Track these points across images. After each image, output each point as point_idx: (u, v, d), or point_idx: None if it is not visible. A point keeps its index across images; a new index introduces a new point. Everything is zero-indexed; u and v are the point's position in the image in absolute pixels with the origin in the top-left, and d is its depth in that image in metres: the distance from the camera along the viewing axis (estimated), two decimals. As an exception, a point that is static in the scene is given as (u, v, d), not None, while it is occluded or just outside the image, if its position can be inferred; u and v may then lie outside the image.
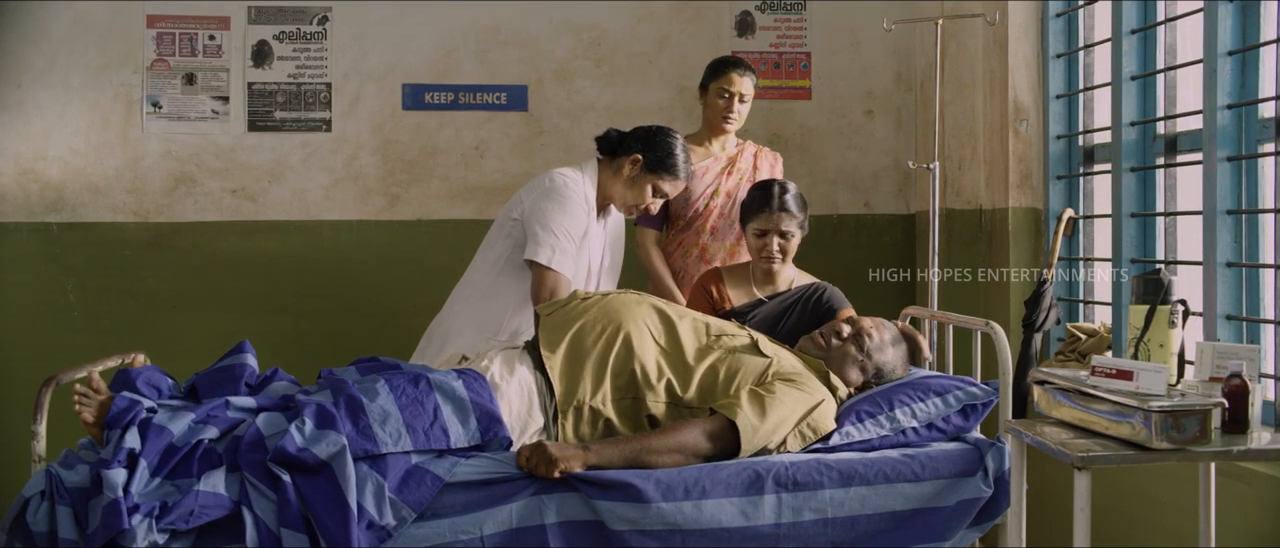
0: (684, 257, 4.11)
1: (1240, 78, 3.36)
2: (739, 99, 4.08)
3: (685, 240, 4.11)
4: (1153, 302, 2.88)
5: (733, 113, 4.09)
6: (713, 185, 4.09)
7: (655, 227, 4.15)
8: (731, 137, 4.19)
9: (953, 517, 2.96)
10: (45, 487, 2.58)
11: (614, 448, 2.84)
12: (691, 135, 4.19)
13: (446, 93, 5.04)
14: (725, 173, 4.11)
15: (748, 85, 4.09)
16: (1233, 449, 2.60)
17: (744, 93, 4.09)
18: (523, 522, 2.75)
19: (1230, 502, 3.16)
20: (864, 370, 3.25)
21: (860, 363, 3.24)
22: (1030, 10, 4.39)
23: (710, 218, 4.08)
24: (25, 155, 4.83)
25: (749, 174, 4.13)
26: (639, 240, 4.15)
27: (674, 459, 2.86)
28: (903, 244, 5.24)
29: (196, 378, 3.00)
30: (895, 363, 3.29)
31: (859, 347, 3.25)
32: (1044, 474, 3.73)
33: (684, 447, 2.87)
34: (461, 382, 2.84)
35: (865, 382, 3.25)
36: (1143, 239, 3.87)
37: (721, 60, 4.15)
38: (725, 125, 4.11)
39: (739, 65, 4.10)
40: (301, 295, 4.95)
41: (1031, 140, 4.40)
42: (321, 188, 4.98)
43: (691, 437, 2.88)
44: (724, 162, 4.13)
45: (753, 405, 2.91)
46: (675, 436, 2.88)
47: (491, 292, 3.61)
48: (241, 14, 4.93)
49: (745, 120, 4.16)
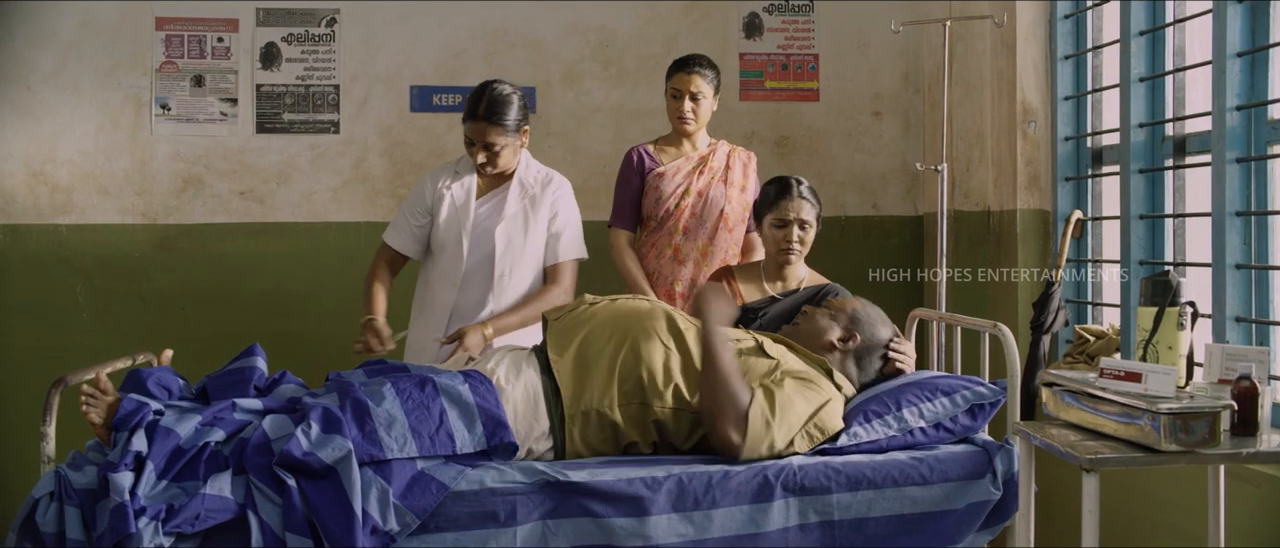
0: (657, 257, 4.09)
1: (1249, 79, 3.35)
2: (691, 98, 4.02)
3: (658, 241, 4.10)
4: (1161, 304, 2.87)
5: (687, 113, 4.03)
6: (683, 185, 4.07)
7: (628, 228, 4.15)
8: (702, 137, 4.17)
9: (962, 520, 2.95)
10: (54, 488, 2.59)
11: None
12: (664, 137, 4.19)
13: (454, 94, 5.04)
14: (696, 172, 4.09)
15: (702, 84, 4.03)
16: (1242, 452, 2.59)
17: (698, 92, 4.02)
18: (526, 544, 2.75)
19: (1239, 505, 3.15)
20: (836, 320, 3.25)
21: (830, 315, 3.26)
22: (1038, 11, 4.38)
23: (681, 218, 4.06)
24: (35, 157, 4.85)
25: (721, 174, 4.10)
26: (612, 242, 4.14)
27: (718, 399, 2.86)
28: (910, 246, 5.24)
29: (207, 380, 3.00)
30: (869, 315, 3.29)
31: (825, 308, 3.30)
32: (1052, 477, 3.72)
33: (733, 401, 2.86)
34: (467, 386, 2.84)
35: (848, 335, 3.23)
36: (1151, 241, 3.86)
37: (676, 60, 4.10)
38: (683, 126, 4.06)
39: (690, 64, 4.05)
40: (309, 297, 4.96)
41: (1040, 142, 4.39)
42: (330, 190, 4.99)
43: (741, 402, 2.87)
44: (695, 161, 4.11)
45: (764, 398, 2.90)
46: (738, 383, 2.89)
47: None
48: (250, 16, 4.94)
49: (707, 119, 4.10)
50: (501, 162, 3.68)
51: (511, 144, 3.66)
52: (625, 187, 4.14)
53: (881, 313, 3.36)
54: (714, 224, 4.07)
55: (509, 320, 3.63)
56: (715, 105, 4.10)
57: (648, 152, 4.14)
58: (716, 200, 4.07)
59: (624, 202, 4.14)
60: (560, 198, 3.79)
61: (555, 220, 3.76)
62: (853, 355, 3.25)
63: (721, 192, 4.08)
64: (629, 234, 4.14)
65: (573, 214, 3.83)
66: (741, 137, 5.10)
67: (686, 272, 4.07)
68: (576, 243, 3.81)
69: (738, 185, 4.12)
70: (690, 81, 4.02)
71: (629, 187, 4.13)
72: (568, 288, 3.74)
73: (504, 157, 3.67)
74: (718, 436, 2.87)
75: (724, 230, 4.08)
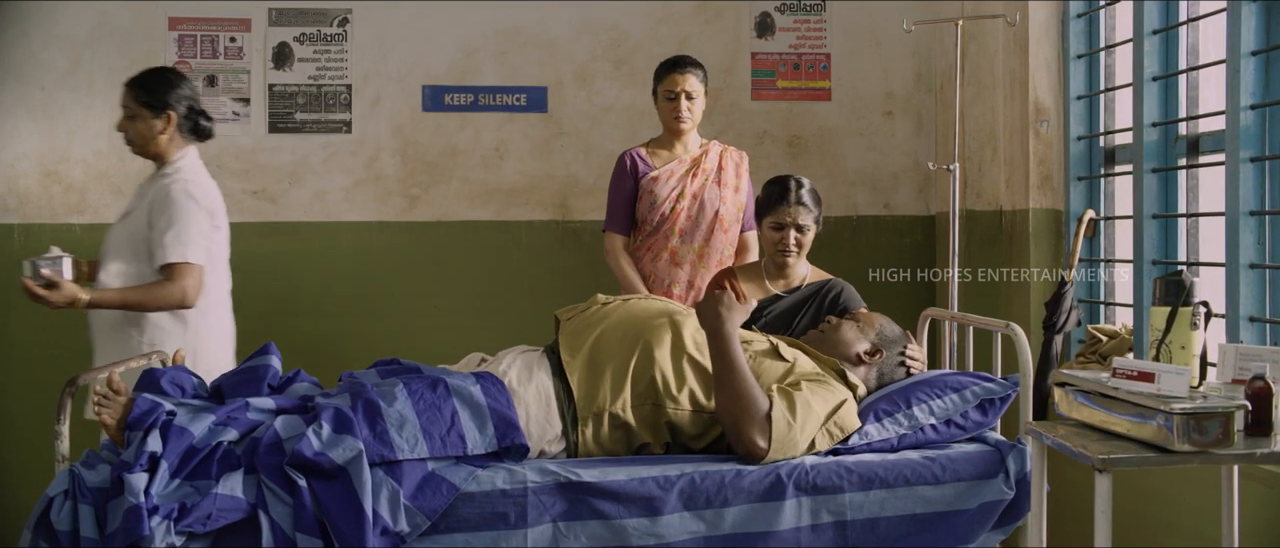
0: (654, 261, 4.10)
1: (1264, 78, 3.34)
2: (686, 97, 4.05)
3: (654, 244, 4.10)
4: (1174, 303, 2.86)
5: (682, 112, 4.05)
6: (677, 188, 4.08)
7: (622, 232, 4.15)
8: (694, 137, 4.17)
9: (975, 520, 2.94)
10: (68, 486, 2.60)
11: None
12: (655, 139, 4.19)
13: (466, 94, 5.05)
14: (690, 175, 4.10)
15: (693, 83, 4.06)
16: (1256, 452, 2.59)
17: (690, 90, 4.05)
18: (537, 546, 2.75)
19: (1253, 505, 3.14)
20: (864, 334, 3.24)
21: (857, 328, 3.25)
22: (1051, 11, 4.37)
23: (677, 221, 4.07)
24: (49, 157, 4.87)
25: (714, 175, 4.11)
26: (607, 246, 4.15)
27: (739, 404, 2.85)
28: (923, 245, 5.23)
29: (221, 379, 3.00)
30: (893, 330, 3.28)
31: (852, 320, 3.29)
32: (1065, 477, 3.72)
33: (755, 405, 2.86)
34: (479, 387, 2.83)
35: (872, 348, 3.22)
36: (1164, 240, 3.85)
37: (664, 62, 4.13)
38: (678, 126, 4.08)
39: (681, 64, 4.07)
40: (322, 297, 4.97)
41: (1052, 141, 4.38)
42: (342, 189, 5.00)
43: (762, 407, 2.87)
44: (688, 163, 4.12)
45: (782, 401, 2.90)
46: (757, 388, 2.88)
47: None
48: (262, 16, 4.95)
49: (700, 118, 4.12)
50: (137, 145, 3.71)
51: (148, 124, 3.66)
52: (618, 190, 4.15)
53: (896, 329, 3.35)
54: (709, 226, 4.08)
55: (108, 297, 3.61)
56: (704, 102, 4.13)
57: (640, 155, 4.15)
58: (711, 202, 4.08)
59: (617, 205, 4.15)
60: (170, 200, 3.61)
61: (160, 219, 3.61)
62: (876, 369, 3.25)
63: (715, 193, 4.09)
64: (623, 238, 4.15)
65: (179, 215, 3.60)
66: (753, 136, 5.11)
67: (683, 274, 4.08)
68: (182, 246, 3.58)
69: (731, 186, 4.12)
70: (682, 81, 4.04)
71: (622, 190, 4.14)
72: (179, 289, 3.56)
73: (137, 138, 3.70)
74: (742, 441, 2.86)
75: (719, 231, 4.09)
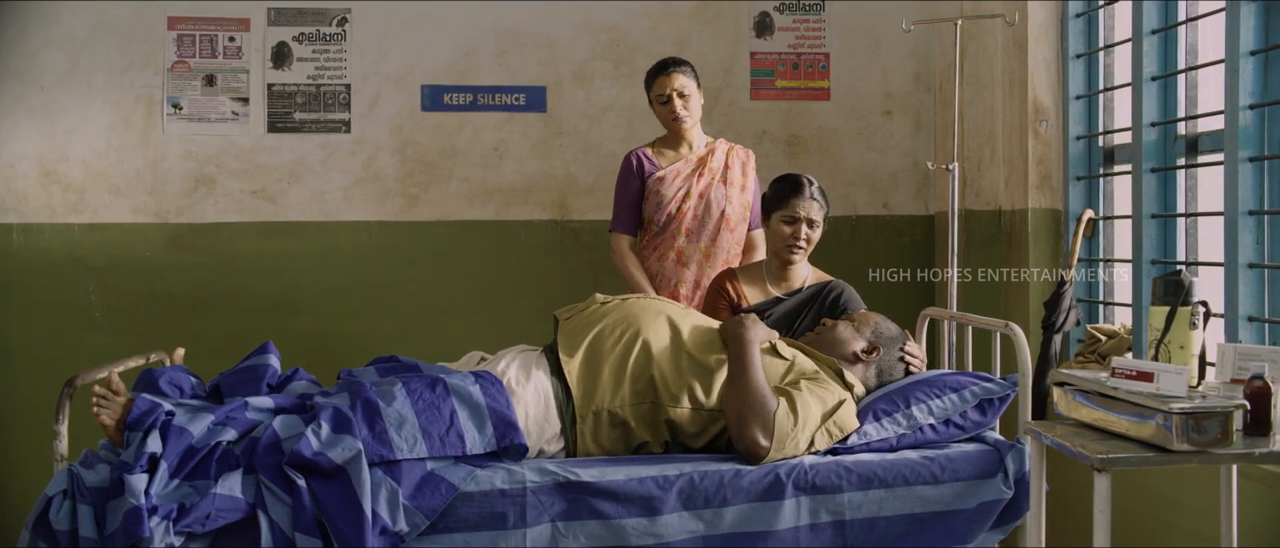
0: (660, 260, 4.10)
1: (1262, 77, 3.34)
2: (678, 96, 4.04)
3: (660, 244, 4.10)
4: (1173, 303, 2.86)
5: (679, 112, 4.05)
6: (683, 188, 4.07)
7: (629, 232, 4.15)
8: (699, 136, 4.17)
9: (974, 519, 2.95)
10: (67, 486, 2.59)
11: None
12: (661, 139, 4.19)
13: (465, 94, 5.05)
14: (696, 174, 4.09)
15: (681, 81, 4.05)
16: (1255, 452, 2.59)
17: (681, 89, 4.05)
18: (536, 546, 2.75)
19: (1252, 505, 3.14)
20: (860, 332, 3.25)
21: (854, 327, 3.25)
22: (1050, 10, 4.37)
23: (684, 220, 4.07)
24: (48, 157, 4.86)
25: (720, 174, 4.11)
26: (613, 246, 4.15)
27: (749, 403, 2.86)
28: (921, 245, 5.23)
29: (220, 378, 3.01)
30: (890, 328, 3.28)
31: (848, 320, 3.30)
32: (1064, 476, 3.72)
33: (764, 406, 2.87)
34: (478, 387, 2.83)
35: (868, 346, 3.23)
36: (1163, 240, 3.85)
37: (649, 70, 4.13)
38: (679, 125, 4.08)
39: (665, 67, 4.07)
40: (321, 296, 4.97)
41: (1051, 141, 4.38)
42: (340, 189, 5.00)
43: (770, 408, 2.88)
44: (694, 163, 4.11)
45: (785, 402, 2.90)
46: (769, 391, 2.90)
47: None
48: (261, 15, 4.95)
49: (699, 113, 4.11)
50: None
51: None
52: (625, 191, 4.14)
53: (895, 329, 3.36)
54: (716, 225, 4.07)
55: None
56: (701, 98, 4.12)
57: (647, 155, 4.15)
58: (717, 202, 4.07)
59: (624, 206, 4.14)
60: None
61: None
62: (875, 367, 3.25)
63: (721, 193, 4.08)
64: (630, 238, 4.15)
65: None
66: (752, 136, 5.10)
67: (690, 273, 4.07)
68: None
69: (737, 185, 4.12)
70: (670, 82, 4.05)
71: (629, 190, 4.13)
72: None
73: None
74: (744, 439, 2.86)
75: (726, 231, 4.08)
